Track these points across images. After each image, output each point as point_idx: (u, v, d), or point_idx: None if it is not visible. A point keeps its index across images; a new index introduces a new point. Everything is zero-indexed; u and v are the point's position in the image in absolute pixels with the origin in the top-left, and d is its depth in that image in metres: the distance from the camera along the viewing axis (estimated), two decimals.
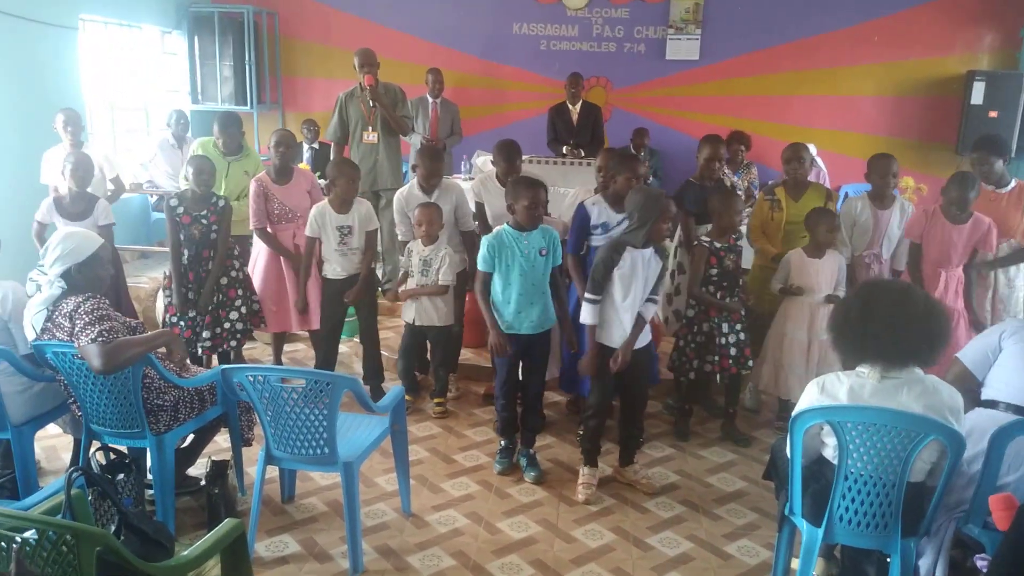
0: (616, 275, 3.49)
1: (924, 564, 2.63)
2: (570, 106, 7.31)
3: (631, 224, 3.53)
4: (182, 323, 4.38)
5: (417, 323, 4.40)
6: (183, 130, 6.79)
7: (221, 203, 4.40)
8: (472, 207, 4.69)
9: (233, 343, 4.53)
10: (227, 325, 4.47)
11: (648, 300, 3.59)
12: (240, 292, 4.50)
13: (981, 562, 2.11)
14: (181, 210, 4.33)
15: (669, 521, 3.52)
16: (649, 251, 3.52)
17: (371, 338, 4.64)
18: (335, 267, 4.43)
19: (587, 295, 3.55)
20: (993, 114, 7.26)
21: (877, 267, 4.50)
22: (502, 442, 3.94)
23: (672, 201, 3.55)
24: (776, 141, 7.71)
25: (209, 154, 4.90)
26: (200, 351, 4.42)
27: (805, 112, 8.08)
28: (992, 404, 2.76)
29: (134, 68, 7.82)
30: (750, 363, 4.20)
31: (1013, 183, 4.45)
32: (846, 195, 6.60)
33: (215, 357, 4.62)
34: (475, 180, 4.88)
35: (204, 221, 4.34)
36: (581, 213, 4.06)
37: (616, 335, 3.56)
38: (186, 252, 4.35)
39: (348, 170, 4.40)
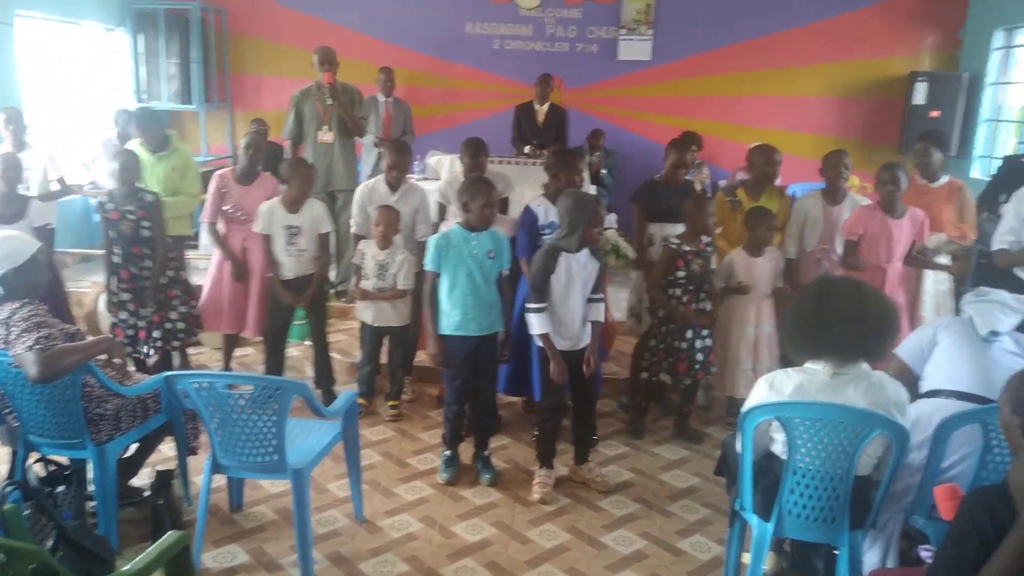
0: (554, 281, 3.50)
1: (873, 556, 2.68)
2: (537, 106, 7.32)
3: (563, 229, 3.53)
4: (121, 325, 4.29)
5: (376, 324, 4.35)
6: (125, 130, 6.60)
7: (148, 197, 4.33)
8: (434, 209, 4.66)
9: (176, 343, 4.45)
10: (168, 326, 4.39)
11: (593, 301, 3.59)
12: (179, 293, 4.43)
13: (925, 553, 2.16)
14: (111, 207, 4.27)
15: (623, 519, 3.53)
16: (584, 253, 3.53)
17: (321, 342, 4.57)
18: (283, 268, 4.35)
19: (529, 305, 3.52)
20: (935, 114, 7.46)
21: (828, 263, 4.56)
22: (447, 452, 3.88)
23: (602, 205, 3.54)
24: (727, 141, 7.85)
25: (138, 152, 4.80)
26: (149, 351, 4.34)
27: (754, 112, 8.20)
28: (934, 394, 2.82)
29: (75, 66, 7.60)
30: (713, 369, 4.23)
31: (945, 179, 4.58)
32: (794, 194, 6.70)
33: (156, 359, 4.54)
34: (442, 182, 4.82)
35: (131, 217, 4.26)
36: (529, 215, 4.05)
37: (562, 339, 3.56)
38: (119, 250, 4.29)
39: (304, 170, 4.34)
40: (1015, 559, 1.21)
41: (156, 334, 4.34)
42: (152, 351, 4.37)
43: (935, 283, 4.55)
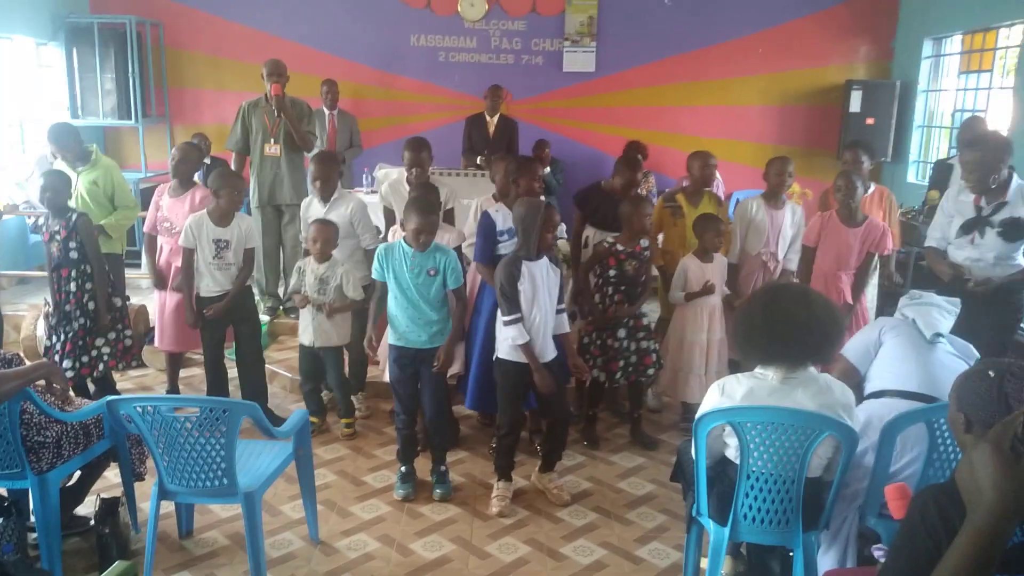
0: (519, 290, 3.49)
1: (830, 557, 2.73)
2: (488, 118, 7.32)
3: (519, 238, 3.55)
4: (56, 346, 4.19)
5: (317, 344, 4.27)
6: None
7: (74, 217, 4.21)
8: (380, 216, 4.62)
9: (100, 367, 4.32)
10: (94, 352, 4.27)
11: (558, 312, 3.61)
12: (83, 322, 4.27)
13: (878, 552, 2.20)
14: (44, 228, 4.21)
15: (582, 529, 3.53)
16: (544, 262, 3.54)
17: (252, 359, 4.43)
18: (209, 283, 4.24)
19: (506, 318, 3.49)
20: (870, 121, 7.70)
21: (773, 265, 4.65)
22: (402, 468, 3.84)
23: (554, 210, 3.55)
24: (671, 150, 7.97)
25: (63, 168, 4.67)
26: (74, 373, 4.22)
27: (697, 122, 8.35)
28: (880, 395, 2.89)
29: (7, 82, 7.34)
30: (650, 371, 4.24)
31: (872, 187, 4.73)
32: (737, 201, 6.84)
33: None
34: (384, 185, 4.77)
35: (58, 238, 4.16)
36: (486, 220, 4.03)
37: (517, 351, 3.55)
38: (49, 271, 4.23)
39: (233, 182, 4.25)
40: (965, 559, 1.24)
41: (67, 364, 4.18)
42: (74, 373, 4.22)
43: (872, 286, 4.71)
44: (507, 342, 3.54)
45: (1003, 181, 3.83)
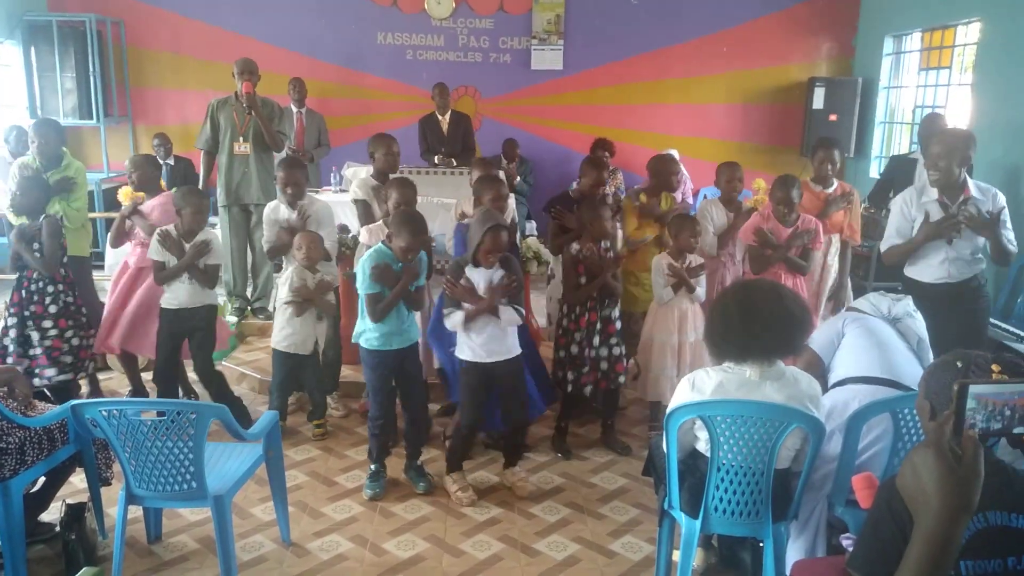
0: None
1: (799, 547, 2.77)
2: (439, 116, 7.29)
3: (467, 245, 3.62)
4: (9, 345, 4.12)
5: (292, 351, 4.23)
6: (23, 148, 6.26)
7: (40, 220, 4.15)
8: (351, 214, 4.60)
9: (51, 372, 4.20)
10: (75, 343, 4.21)
11: (509, 307, 3.57)
12: (70, 323, 4.21)
13: (846, 541, 2.24)
14: (15, 231, 4.12)
15: (555, 525, 3.54)
16: (492, 270, 3.55)
17: (208, 373, 4.34)
18: (171, 295, 4.18)
19: (444, 311, 3.62)
20: (833, 117, 7.82)
21: (732, 267, 4.71)
22: (372, 467, 3.83)
23: (499, 234, 3.49)
24: (638, 148, 8.03)
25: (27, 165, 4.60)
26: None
27: (664, 120, 8.43)
28: (842, 383, 2.94)
29: None
30: (621, 379, 4.19)
31: (835, 184, 4.78)
32: (705, 197, 6.90)
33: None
34: (356, 181, 4.70)
35: (36, 244, 4.11)
36: (462, 229, 4.06)
37: (474, 349, 3.59)
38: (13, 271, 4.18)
39: (195, 200, 4.16)
40: (920, 567, 1.22)
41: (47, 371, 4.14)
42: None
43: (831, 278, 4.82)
44: (462, 343, 3.62)
45: (963, 179, 3.88)
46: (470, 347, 3.60)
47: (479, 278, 3.55)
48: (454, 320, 3.57)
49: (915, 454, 1.23)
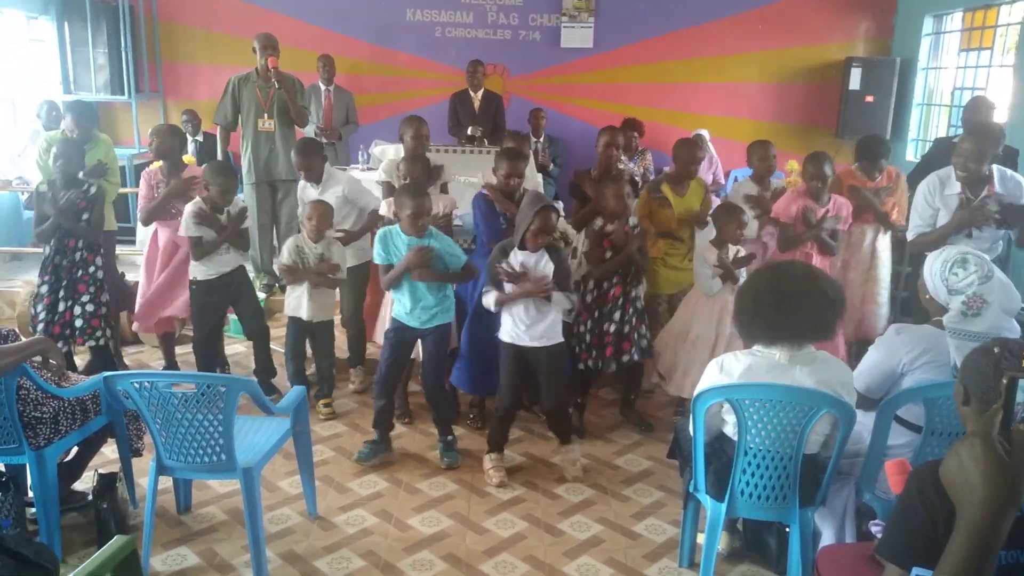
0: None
1: (827, 533, 2.75)
2: (472, 93, 7.27)
3: (516, 227, 3.59)
4: (41, 313, 4.22)
5: (305, 317, 4.27)
6: (55, 122, 6.33)
7: (93, 189, 4.22)
8: (378, 192, 4.62)
9: (65, 342, 4.33)
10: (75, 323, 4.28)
11: (559, 293, 3.56)
12: (91, 290, 4.29)
13: (875, 528, 2.21)
14: (50, 196, 4.16)
15: (579, 505, 3.55)
16: (539, 255, 3.54)
17: (260, 334, 4.47)
18: (205, 268, 4.25)
19: (484, 288, 3.64)
20: (869, 99, 7.65)
21: (772, 246, 4.62)
22: (375, 438, 3.88)
23: (549, 214, 3.49)
24: (669, 127, 7.93)
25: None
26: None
27: (695, 99, 8.30)
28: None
29: None
30: (624, 358, 4.02)
31: (880, 175, 4.69)
32: (736, 179, 6.81)
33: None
34: (385, 163, 4.74)
35: (74, 208, 4.16)
36: (482, 203, 4.06)
37: (516, 332, 3.60)
38: (52, 242, 4.20)
39: (223, 180, 4.19)
40: (965, 559, 1.20)
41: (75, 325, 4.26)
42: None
43: (888, 267, 4.73)
44: (504, 325, 3.63)
45: (988, 171, 3.86)
46: (513, 330, 3.61)
47: (527, 262, 3.54)
48: (488, 299, 3.59)
49: (962, 446, 1.21)
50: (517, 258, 3.55)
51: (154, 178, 4.57)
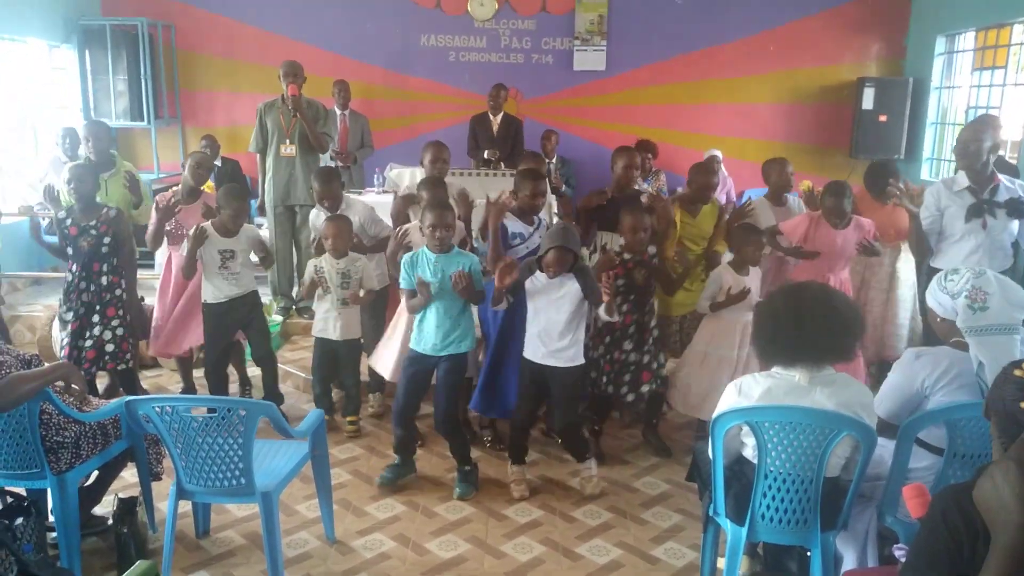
0: (528, 288, 3.62)
1: (850, 557, 2.72)
2: (491, 117, 7.34)
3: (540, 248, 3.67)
4: (65, 339, 4.26)
5: (342, 338, 4.32)
6: (73, 149, 6.43)
7: (112, 212, 4.25)
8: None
9: (107, 366, 4.37)
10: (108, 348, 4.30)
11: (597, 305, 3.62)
12: (120, 313, 4.32)
13: (899, 552, 2.18)
14: (69, 222, 4.21)
15: (597, 529, 3.53)
16: (562, 278, 3.57)
17: (266, 360, 4.50)
18: (215, 291, 4.29)
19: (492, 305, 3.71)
20: (883, 118, 7.65)
21: (790, 265, 4.59)
22: (396, 459, 3.90)
23: (569, 255, 3.53)
24: (681, 149, 7.96)
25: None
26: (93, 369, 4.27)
27: (708, 120, 8.33)
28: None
29: (20, 85, 7.38)
30: (644, 388, 4.03)
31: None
32: (749, 199, 6.80)
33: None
34: (403, 188, 4.82)
35: (94, 232, 4.19)
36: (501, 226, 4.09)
37: (540, 350, 3.65)
38: (75, 266, 4.23)
39: (235, 203, 4.24)
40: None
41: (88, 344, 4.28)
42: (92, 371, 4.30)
43: (909, 287, 4.68)
44: (530, 343, 3.69)
45: (991, 170, 3.94)
46: (538, 348, 3.67)
47: (550, 285, 3.60)
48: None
49: (996, 469, 1.20)
50: (542, 281, 3.61)
51: (163, 201, 4.61)
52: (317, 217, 4.63)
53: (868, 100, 7.70)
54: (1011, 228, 4.02)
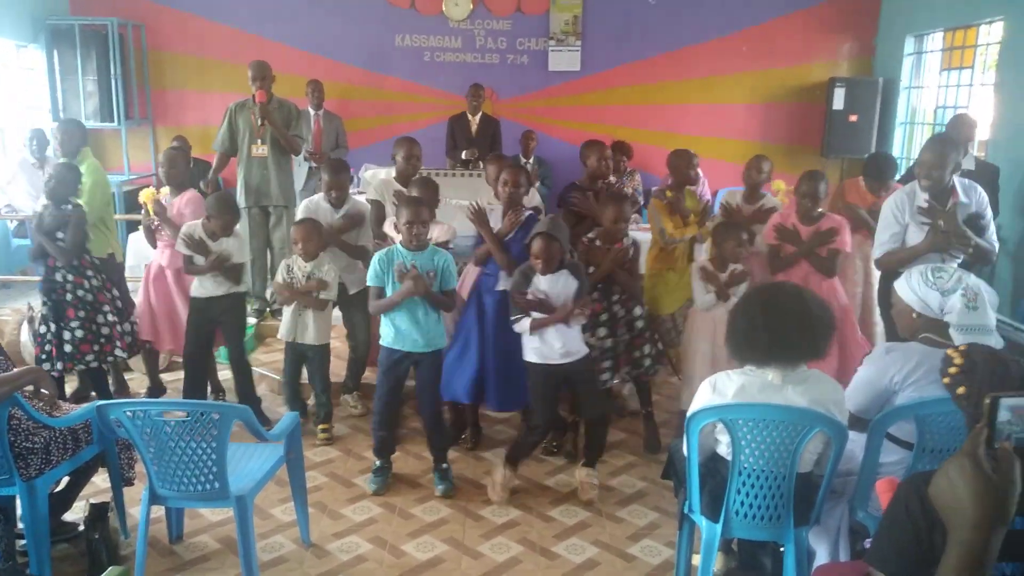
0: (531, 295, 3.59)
1: (822, 552, 2.75)
2: (470, 116, 7.32)
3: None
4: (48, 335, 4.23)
5: (298, 340, 4.27)
6: (41, 151, 6.33)
7: (68, 207, 4.22)
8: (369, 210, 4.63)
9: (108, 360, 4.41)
10: (104, 333, 4.32)
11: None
12: (80, 315, 4.28)
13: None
14: (43, 221, 4.21)
15: (574, 528, 3.54)
16: (560, 275, 3.57)
17: (238, 361, 4.46)
18: (199, 286, 4.34)
19: (512, 318, 3.62)
20: (853, 118, 7.75)
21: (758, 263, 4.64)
22: (377, 462, 3.88)
23: (551, 243, 3.52)
24: (657, 148, 7.98)
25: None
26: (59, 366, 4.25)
27: (682, 120, 8.38)
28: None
29: None
30: (626, 371, 4.09)
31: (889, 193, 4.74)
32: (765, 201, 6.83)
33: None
34: (377, 180, 4.77)
35: (60, 234, 4.19)
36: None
37: (547, 351, 3.61)
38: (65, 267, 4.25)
39: (228, 217, 4.29)
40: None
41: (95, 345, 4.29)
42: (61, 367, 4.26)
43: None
44: (531, 346, 3.64)
45: (951, 183, 3.86)
46: (541, 350, 3.61)
47: (546, 284, 3.57)
48: (522, 326, 3.58)
49: (950, 465, 1.21)
50: (540, 283, 3.58)
51: (150, 202, 4.62)
52: (316, 208, 4.51)
53: (839, 100, 7.79)
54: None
